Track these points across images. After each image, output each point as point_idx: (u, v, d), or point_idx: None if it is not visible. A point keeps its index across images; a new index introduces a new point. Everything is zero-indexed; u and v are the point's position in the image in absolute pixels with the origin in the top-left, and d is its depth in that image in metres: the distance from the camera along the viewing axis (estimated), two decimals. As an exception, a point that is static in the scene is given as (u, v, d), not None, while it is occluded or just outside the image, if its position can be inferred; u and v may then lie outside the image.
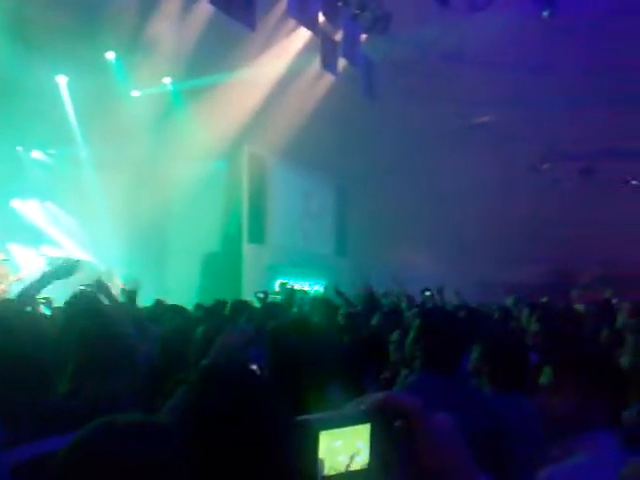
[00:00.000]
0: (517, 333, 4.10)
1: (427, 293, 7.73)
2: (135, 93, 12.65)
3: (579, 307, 5.76)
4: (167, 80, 12.90)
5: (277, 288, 14.11)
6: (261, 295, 7.47)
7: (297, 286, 15.02)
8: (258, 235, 15.99)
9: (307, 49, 12.59)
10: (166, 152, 13.26)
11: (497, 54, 13.99)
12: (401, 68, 13.89)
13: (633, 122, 15.26)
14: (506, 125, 16.30)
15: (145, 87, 12.52)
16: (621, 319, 3.64)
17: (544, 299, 7.86)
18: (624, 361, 2.24)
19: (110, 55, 11.68)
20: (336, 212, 19.63)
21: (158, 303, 5.94)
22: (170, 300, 6.39)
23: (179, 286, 13.01)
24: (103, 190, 12.93)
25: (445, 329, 2.56)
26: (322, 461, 0.66)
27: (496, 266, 16.69)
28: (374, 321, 5.19)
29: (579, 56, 14.32)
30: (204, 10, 10.55)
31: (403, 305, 7.12)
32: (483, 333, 3.07)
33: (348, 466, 0.67)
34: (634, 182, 17.53)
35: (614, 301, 7.05)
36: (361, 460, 0.67)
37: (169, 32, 10.87)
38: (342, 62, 11.99)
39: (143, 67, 11.56)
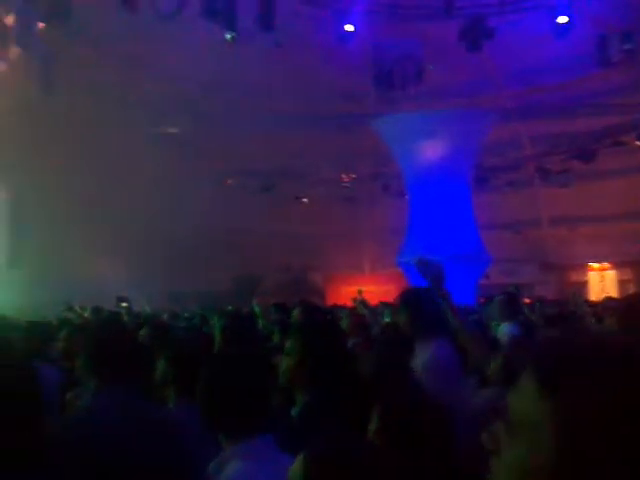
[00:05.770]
0: (207, 340, 4.16)
1: (124, 304, 7.31)
2: None
3: (255, 308, 6.26)
4: None
5: None
6: None
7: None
8: None
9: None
10: None
11: (183, 68, 14.28)
12: (84, 64, 13.10)
13: (302, 147, 17.23)
14: (192, 138, 16.72)
15: None
16: (294, 322, 4.05)
17: (230, 307, 8.25)
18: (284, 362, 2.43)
19: None
20: (9, 219, 17.42)
21: None
22: None
23: None
24: None
25: (120, 341, 2.43)
26: None
27: (183, 275, 16.91)
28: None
29: (259, 80, 15.58)
30: None
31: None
32: (168, 344, 3.03)
33: None
34: (304, 200, 19.77)
35: None
36: None
37: None
38: (15, 50, 10.71)
39: None
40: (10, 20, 10.32)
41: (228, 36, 12.51)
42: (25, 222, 17.27)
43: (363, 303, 8.28)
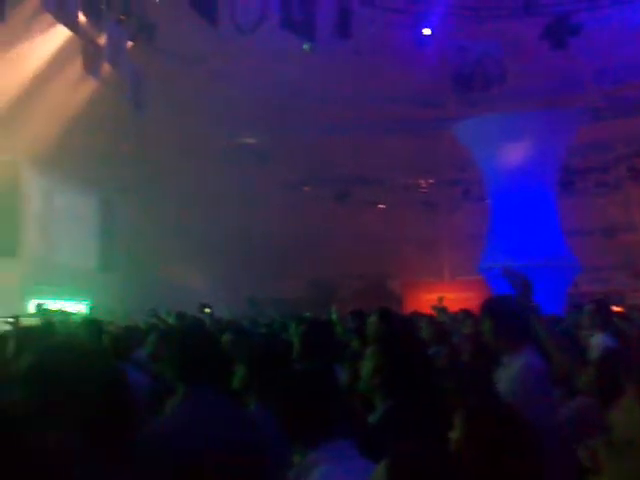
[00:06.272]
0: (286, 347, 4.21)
1: (207, 310, 7.45)
2: None
3: (332, 315, 6.25)
4: None
5: (32, 310, 12.80)
6: (11, 320, 6.56)
7: (56, 306, 13.78)
8: (8, 249, 14.24)
9: (68, 49, 11.71)
10: None
11: (261, 79, 14.63)
12: (168, 80, 13.72)
13: (379, 153, 17.19)
14: (269, 147, 17.09)
15: None
16: (370, 329, 3.99)
17: (307, 313, 8.31)
18: (364, 368, 2.39)
19: None
20: (102, 225, 18.45)
21: None
22: None
23: None
24: None
25: (203, 347, 2.51)
26: None
27: (260, 282, 17.23)
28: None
29: (336, 88, 15.71)
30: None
31: None
32: (245, 350, 3.08)
33: None
34: (380, 206, 19.68)
35: None
36: None
37: None
38: (107, 67, 11.36)
39: None
40: (102, 39, 10.97)
41: (306, 46, 12.68)
42: (115, 229, 18.24)
43: (443, 310, 8.12)
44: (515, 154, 15.70)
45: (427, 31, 14.84)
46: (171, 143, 15.58)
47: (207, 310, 7.46)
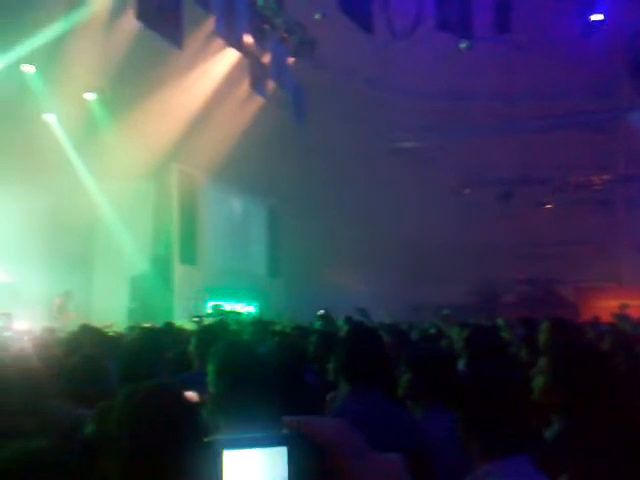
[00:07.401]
0: (446, 353, 4.15)
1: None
2: (52, 108, 12.15)
3: (500, 321, 5.98)
4: (90, 96, 12.50)
5: (209, 310, 13.91)
6: (196, 319, 7.37)
7: (229, 307, 14.83)
8: (190, 256, 15.66)
9: (237, 70, 12.65)
10: (91, 170, 12.87)
11: (418, 82, 14.55)
12: (328, 92, 14.19)
13: (545, 151, 16.21)
14: (427, 150, 16.90)
15: (66, 102, 12.04)
16: (542, 338, 3.75)
17: (471, 320, 8.07)
18: (537, 382, 2.25)
19: (29, 68, 11.25)
20: (268, 232, 19.57)
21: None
22: (95, 323, 6.13)
23: (106, 309, 12.54)
24: (22, 210, 12.26)
25: (372, 348, 2.56)
26: None
27: (422, 287, 17.06)
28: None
29: (496, 86, 15.11)
30: (131, 25, 10.35)
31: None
32: (409, 356, 3.07)
33: None
34: (548, 206, 18.50)
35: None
36: None
37: (92, 46, 10.58)
38: (271, 84, 12.07)
39: (63, 81, 11.16)
40: (266, 58, 11.69)
41: (462, 45, 12.39)
42: (282, 236, 19.23)
43: (626, 319, 7.45)
44: None
45: (597, 17, 13.73)
46: (333, 152, 16.09)
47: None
